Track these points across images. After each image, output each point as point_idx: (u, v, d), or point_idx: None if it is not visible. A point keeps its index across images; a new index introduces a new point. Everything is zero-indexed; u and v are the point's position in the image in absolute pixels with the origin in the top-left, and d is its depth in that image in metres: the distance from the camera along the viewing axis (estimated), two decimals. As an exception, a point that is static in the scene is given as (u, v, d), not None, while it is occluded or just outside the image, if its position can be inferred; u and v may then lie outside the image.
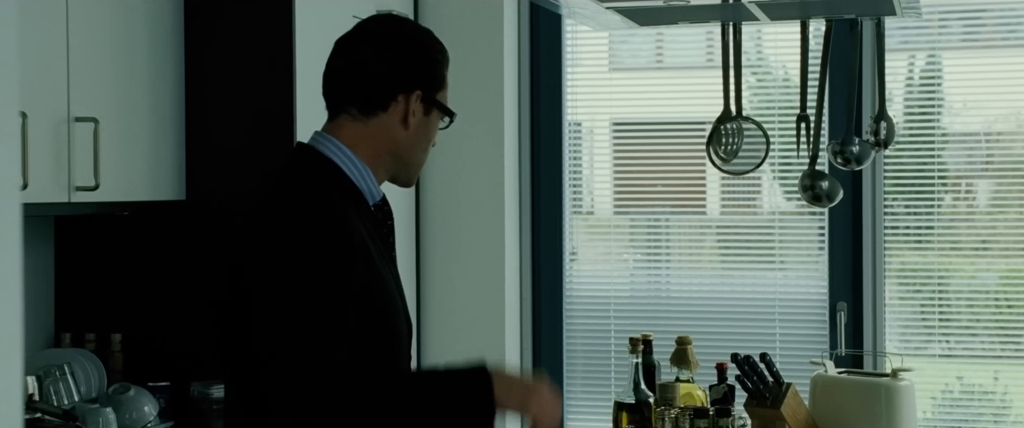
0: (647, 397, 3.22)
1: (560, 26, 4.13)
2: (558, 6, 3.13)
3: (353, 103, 2.05)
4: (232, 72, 3.22)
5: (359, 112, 2.05)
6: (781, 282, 4.04)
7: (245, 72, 3.21)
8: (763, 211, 4.13)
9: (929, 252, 3.96)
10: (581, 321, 4.19)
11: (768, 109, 4.08)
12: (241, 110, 3.22)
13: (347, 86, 2.06)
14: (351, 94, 2.05)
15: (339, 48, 2.09)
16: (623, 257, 4.25)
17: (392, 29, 2.12)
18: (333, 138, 2.05)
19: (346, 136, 2.05)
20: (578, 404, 4.19)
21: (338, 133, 2.05)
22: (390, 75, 2.05)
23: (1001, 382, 3.91)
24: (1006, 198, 3.96)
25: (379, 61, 2.05)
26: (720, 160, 3.28)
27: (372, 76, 2.05)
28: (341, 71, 2.07)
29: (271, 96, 3.19)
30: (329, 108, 2.08)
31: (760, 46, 4.13)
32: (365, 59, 2.05)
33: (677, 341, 3.34)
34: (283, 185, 2.02)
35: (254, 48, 3.21)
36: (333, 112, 2.08)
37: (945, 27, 3.99)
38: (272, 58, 3.19)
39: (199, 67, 3.23)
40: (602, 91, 4.23)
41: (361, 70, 2.05)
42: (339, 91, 2.07)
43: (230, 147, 3.22)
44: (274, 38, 3.18)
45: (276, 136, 3.18)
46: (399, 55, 2.07)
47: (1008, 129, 3.98)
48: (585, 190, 4.27)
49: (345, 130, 2.05)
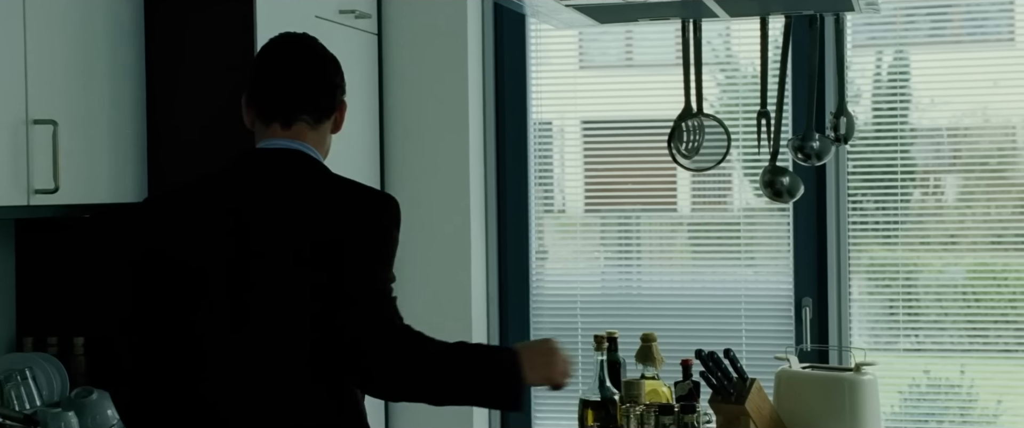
0: (612, 394, 3.22)
1: (524, 25, 4.13)
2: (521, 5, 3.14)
3: (309, 111, 2.28)
4: (193, 72, 3.21)
5: (313, 119, 2.29)
6: (751, 278, 4.05)
7: (206, 73, 3.21)
8: (733, 208, 4.14)
9: (897, 247, 3.97)
10: (548, 319, 4.20)
11: (736, 106, 4.09)
12: (203, 111, 3.21)
13: (307, 96, 2.29)
14: (309, 103, 2.28)
15: (290, 59, 2.32)
16: (594, 255, 4.25)
17: (321, 47, 2.36)
18: (306, 144, 2.30)
19: (310, 140, 2.30)
20: (545, 402, 4.19)
21: (303, 138, 2.29)
22: (338, 86, 2.33)
23: (967, 376, 3.92)
24: (973, 193, 3.98)
25: (334, 74, 2.32)
26: (682, 157, 3.29)
27: (331, 86, 2.31)
28: (299, 81, 2.29)
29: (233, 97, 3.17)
30: (282, 116, 2.28)
31: (729, 43, 4.14)
32: (320, 70, 2.31)
33: (642, 338, 3.35)
34: (337, 179, 2.29)
35: (215, 48, 3.20)
36: (287, 119, 2.28)
37: (912, 23, 4.01)
38: (234, 58, 3.18)
39: (160, 68, 3.22)
40: (572, 90, 4.23)
41: (321, 80, 2.30)
42: (299, 100, 2.28)
43: (192, 148, 3.21)
44: (235, 38, 3.17)
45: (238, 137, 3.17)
46: (337, 69, 2.35)
47: (975, 124, 3.99)
48: (556, 189, 4.28)
49: (307, 136, 2.29)
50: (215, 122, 3.20)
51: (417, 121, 3.99)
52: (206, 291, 2.22)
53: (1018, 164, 3.93)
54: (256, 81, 2.34)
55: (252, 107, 2.35)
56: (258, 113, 2.33)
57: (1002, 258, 3.94)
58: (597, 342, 3.25)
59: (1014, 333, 3.90)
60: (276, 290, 2.20)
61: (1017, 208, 3.91)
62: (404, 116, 4.03)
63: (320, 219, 2.21)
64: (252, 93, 2.35)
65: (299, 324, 2.19)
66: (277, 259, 2.20)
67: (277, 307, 2.20)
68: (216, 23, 3.19)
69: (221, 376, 2.22)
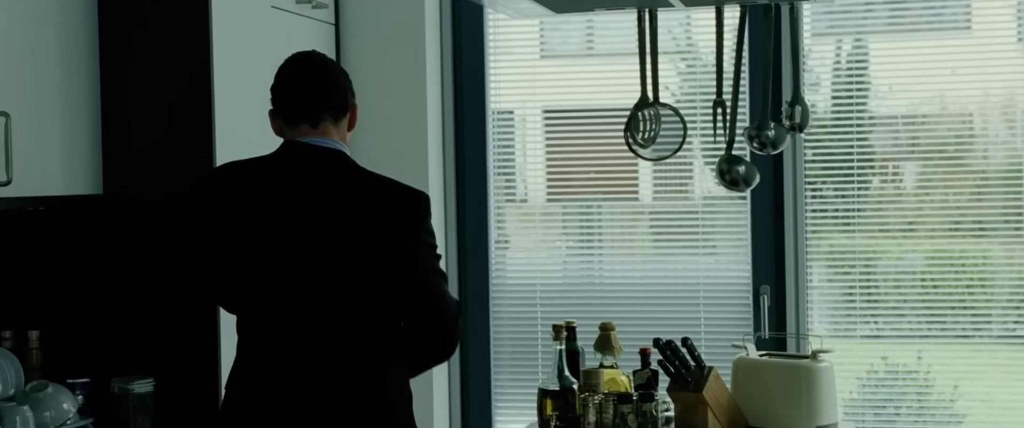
0: (571, 383, 3.23)
1: (482, 15, 4.13)
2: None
3: (329, 111, 2.74)
4: (149, 63, 3.19)
5: (334, 118, 2.75)
6: (711, 267, 4.06)
7: (162, 63, 3.19)
8: (694, 196, 4.15)
9: (857, 234, 3.99)
10: (508, 309, 4.20)
11: (696, 95, 4.10)
12: (158, 102, 3.19)
13: (327, 97, 2.74)
14: (329, 103, 2.74)
15: (307, 70, 2.75)
16: (555, 245, 4.26)
17: (330, 59, 2.83)
18: (336, 141, 2.75)
19: (336, 136, 2.76)
20: (505, 392, 4.20)
21: (329, 135, 2.74)
22: (348, 89, 2.80)
23: (925, 361, 3.95)
24: (932, 180, 4.00)
25: (344, 78, 2.79)
26: (639, 146, 3.30)
27: (343, 89, 2.77)
28: (320, 86, 2.74)
29: (189, 88, 3.17)
30: (308, 117, 2.72)
31: (689, 32, 4.14)
32: (333, 78, 2.77)
33: (600, 327, 3.36)
34: (375, 175, 2.78)
35: (170, 39, 3.18)
36: (314, 120, 2.72)
37: (871, 11, 4.03)
38: (189, 49, 3.16)
39: (114, 59, 3.19)
40: (533, 79, 4.23)
41: (336, 85, 2.76)
42: (320, 102, 2.73)
43: (147, 140, 3.19)
44: (191, 29, 3.15)
45: (194, 128, 3.16)
46: (346, 75, 2.82)
47: (933, 112, 4.02)
48: (518, 178, 4.28)
49: (332, 132, 2.75)
50: (171, 113, 3.19)
51: (375, 111, 3.98)
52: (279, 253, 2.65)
53: (975, 151, 3.96)
54: (280, 93, 2.74)
55: (279, 116, 2.75)
56: (285, 120, 2.74)
57: (959, 244, 3.97)
58: (556, 331, 3.26)
59: (971, 319, 3.93)
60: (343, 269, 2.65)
61: (974, 195, 3.93)
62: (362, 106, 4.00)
63: (361, 211, 2.69)
64: (278, 104, 2.75)
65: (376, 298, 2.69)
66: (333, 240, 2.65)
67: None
68: (171, 13, 3.17)
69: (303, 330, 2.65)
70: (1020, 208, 3.86)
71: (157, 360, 3.16)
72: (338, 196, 2.70)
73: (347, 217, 2.67)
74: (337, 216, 2.67)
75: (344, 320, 2.66)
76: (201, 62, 3.15)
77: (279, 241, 2.65)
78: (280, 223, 2.66)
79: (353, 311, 2.67)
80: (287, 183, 2.70)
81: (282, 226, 2.65)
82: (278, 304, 2.66)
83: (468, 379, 4.17)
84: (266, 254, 2.66)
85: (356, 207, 2.69)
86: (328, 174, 2.72)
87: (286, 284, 2.65)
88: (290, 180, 2.70)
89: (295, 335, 2.65)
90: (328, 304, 2.65)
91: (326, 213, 2.67)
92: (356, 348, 2.66)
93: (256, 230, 2.67)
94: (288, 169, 2.71)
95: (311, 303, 2.65)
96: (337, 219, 2.67)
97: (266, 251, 2.66)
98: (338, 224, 2.66)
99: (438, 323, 2.77)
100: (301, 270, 2.64)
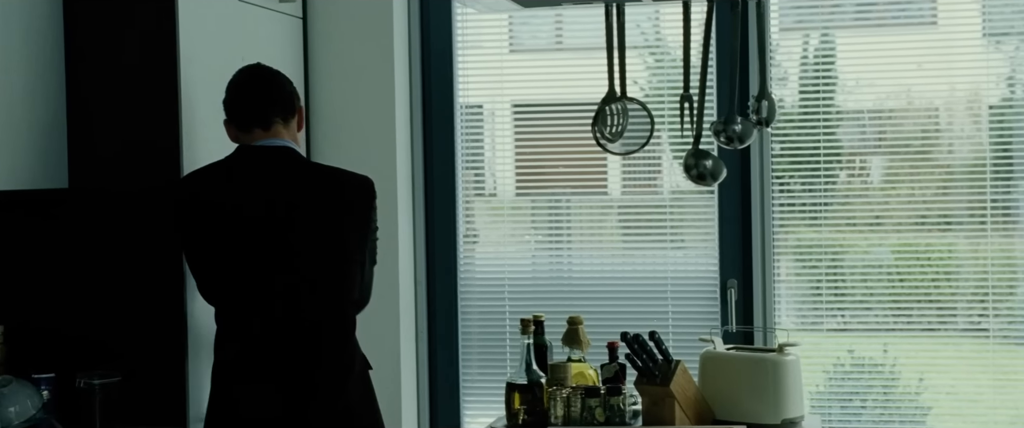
0: (539, 378, 3.24)
1: (450, 9, 4.12)
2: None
3: (278, 113, 3.02)
4: (114, 58, 3.17)
5: (284, 119, 3.04)
6: (679, 260, 4.08)
7: (128, 57, 3.17)
8: (664, 191, 4.16)
9: (824, 228, 4.02)
10: (476, 303, 4.20)
11: (664, 89, 4.11)
12: (124, 96, 3.17)
13: (274, 101, 3.03)
14: (277, 106, 3.03)
15: (253, 80, 3.05)
16: (525, 239, 4.26)
17: (274, 70, 3.11)
18: (286, 140, 3.04)
19: (287, 137, 3.05)
20: (473, 386, 4.20)
21: (281, 136, 3.03)
22: (294, 93, 3.10)
23: (891, 354, 3.98)
24: (898, 174, 4.03)
25: (289, 85, 3.09)
26: (606, 140, 3.30)
27: (289, 93, 3.07)
28: (267, 92, 3.04)
29: (156, 84, 3.15)
30: (260, 121, 3.00)
31: (658, 26, 4.15)
32: (279, 83, 3.07)
33: (568, 321, 3.37)
34: (325, 166, 3.19)
35: (137, 33, 3.16)
36: (265, 123, 3.01)
37: (838, 6, 4.05)
38: (156, 43, 3.14)
39: (81, 54, 3.17)
40: (502, 73, 4.23)
41: (282, 90, 3.06)
42: (269, 105, 3.02)
43: (113, 134, 3.17)
44: (158, 24, 3.13)
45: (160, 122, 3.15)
46: (290, 82, 3.11)
47: (899, 106, 4.04)
48: (487, 172, 4.28)
49: (283, 133, 3.04)
50: (137, 108, 3.17)
51: (343, 106, 3.97)
52: (254, 241, 2.94)
53: (941, 145, 3.99)
54: (233, 102, 3.03)
55: (232, 123, 3.03)
56: (239, 125, 3.02)
57: (925, 238, 4.00)
58: (523, 326, 3.27)
59: (937, 312, 3.96)
60: (310, 247, 2.98)
61: (940, 189, 3.96)
62: (330, 101, 4.02)
63: (317, 198, 3.00)
64: (232, 113, 3.03)
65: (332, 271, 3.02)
66: (304, 228, 2.98)
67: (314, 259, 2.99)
68: (138, 6, 3.15)
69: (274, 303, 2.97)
70: (984, 202, 3.89)
71: (123, 354, 3.14)
72: (298, 189, 3.00)
73: (310, 208, 2.99)
74: (302, 208, 2.98)
75: (319, 299, 3.00)
76: (167, 56, 3.13)
77: (261, 236, 2.95)
78: (258, 220, 2.95)
79: (323, 290, 3.01)
80: (254, 182, 2.99)
81: (260, 222, 2.95)
82: (264, 292, 2.97)
83: (436, 373, 4.17)
84: (250, 248, 2.96)
85: (315, 198, 3.00)
86: (285, 170, 3.01)
87: (269, 273, 2.96)
88: (256, 180, 2.99)
89: (281, 318, 2.98)
90: (306, 286, 2.99)
91: (292, 207, 2.98)
92: (331, 317, 3.03)
93: (238, 228, 2.96)
94: (251, 169, 2.99)
95: (288, 288, 2.97)
96: (302, 211, 2.98)
97: (250, 246, 2.96)
98: (305, 215, 2.98)
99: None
100: (283, 259, 2.96)
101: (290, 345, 2.98)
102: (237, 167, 3.01)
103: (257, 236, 2.95)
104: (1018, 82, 3.90)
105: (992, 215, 3.89)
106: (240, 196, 2.97)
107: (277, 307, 2.97)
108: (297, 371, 2.97)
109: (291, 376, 2.96)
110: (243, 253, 2.96)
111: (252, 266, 2.96)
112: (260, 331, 2.97)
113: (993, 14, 3.93)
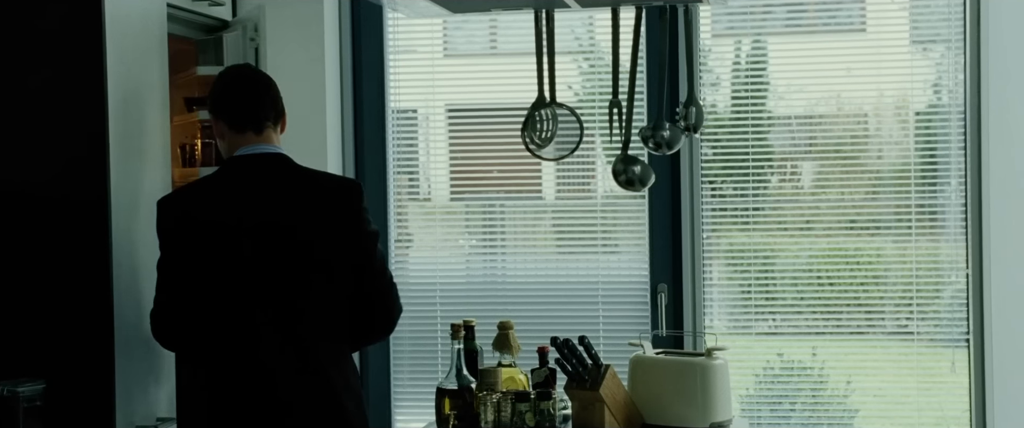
0: (469, 382, 3.25)
1: (382, 15, 4.12)
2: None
3: (270, 118, 3.06)
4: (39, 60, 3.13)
5: (274, 124, 3.08)
6: (611, 265, 4.10)
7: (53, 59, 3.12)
8: (597, 195, 4.18)
9: (755, 232, 4.05)
10: (409, 308, 4.17)
11: (595, 94, 4.12)
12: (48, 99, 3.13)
13: (267, 107, 3.07)
14: (270, 112, 3.07)
15: (247, 81, 3.11)
16: (458, 243, 4.27)
17: (265, 74, 3.18)
18: (276, 146, 3.08)
19: (276, 141, 3.09)
20: (404, 391, 4.20)
21: (271, 141, 3.08)
22: (279, 98, 3.12)
23: (819, 357, 4.02)
24: (828, 179, 4.08)
25: (276, 90, 3.12)
26: (536, 146, 3.32)
27: (277, 99, 3.11)
28: (263, 98, 3.07)
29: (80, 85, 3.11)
30: (254, 124, 3.05)
31: (592, 31, 4.17)
32: (273, 89, 3.11)
33: (499, 326, 3.38)
34: (313, 171, 3.14)
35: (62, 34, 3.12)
36: (258, 127, 3.05)
37: (769, 12, 4.09)
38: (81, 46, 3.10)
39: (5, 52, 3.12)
40: (437, 77, 4.23)
41: (276, 95, 3.11)
42: (264, 111, 3.06)
43: (36, 137, 3.12)
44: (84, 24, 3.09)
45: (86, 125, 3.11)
46: (276, 86, 3.14)
47: (829, 112, 4.09)
48: (421, 176, 4.28)
49: (272, 138, 3.08)
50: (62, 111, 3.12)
51: (275, 110, 3.95)
52: (241, 259, 2.95)
53: (869, 150, 4.04)
54: (227, 103, 3.06)
55: (222, 122, 3.06)
56: (232, 126, 3.05)
57: (854, 242, 4.05)
58: (454, 331, 3.28)
59: (865, 315, 4.01)
60: (302, 265, 2.98)
61: (869, 193, 4.02)
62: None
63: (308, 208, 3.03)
64: (224, 113, 3.06)
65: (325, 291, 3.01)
66: (298, 241, 2.99)
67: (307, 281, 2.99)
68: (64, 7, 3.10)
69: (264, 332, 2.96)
70: (910, 207, 3.95)
71: (48, 361, 3.10)
72: (291, 197, 3.04)
73: (302, 215, 3.02)
74: (294, 216, 3.01)
75: (316, 304, 3.00)
76: (94, 59, 3.08)
77: (261, 248, 2.97)
78: (260, 233, 2.97)
79: (320, 296, 3.00)
80: (249, 196, 3.02)
81: (260, 235, 2.97)
82: (266, 302, 2.97)
83: (367, 377, 4.16)
84: (252, 262, 2.97)
85: (307, 204, 3.04)
86: (279, 180, 3.05)
87: (276, 281, 2.98)
88: (255, 192, 3.02)
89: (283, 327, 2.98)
90: (306, 294, 2.99)
91: (287, 215, 3.01)
92: (323, 329, 3.02)
93: (241, 242, 2.97)
94: (249, 182, 3.03)
95: (291, 296, 2.98)
96: (295, 219, 3.01)
97: (252, 259, 2.97)
98: (300, 222, 3.01)
99: (382, 297, 3.09)
100: (285, 268, 2.97)
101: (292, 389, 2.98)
102: (231, 181, 3.02)
103: (261, 258, 2.95)
104: (944, 88, 3.96)
105: (918, 219, 3.95)
106: (238, 214, 2.97)
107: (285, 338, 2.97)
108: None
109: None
110: (245, 278, 2.96)
111: (256, 294, 2.96)
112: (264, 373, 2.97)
113: (920, 21, 3.99)
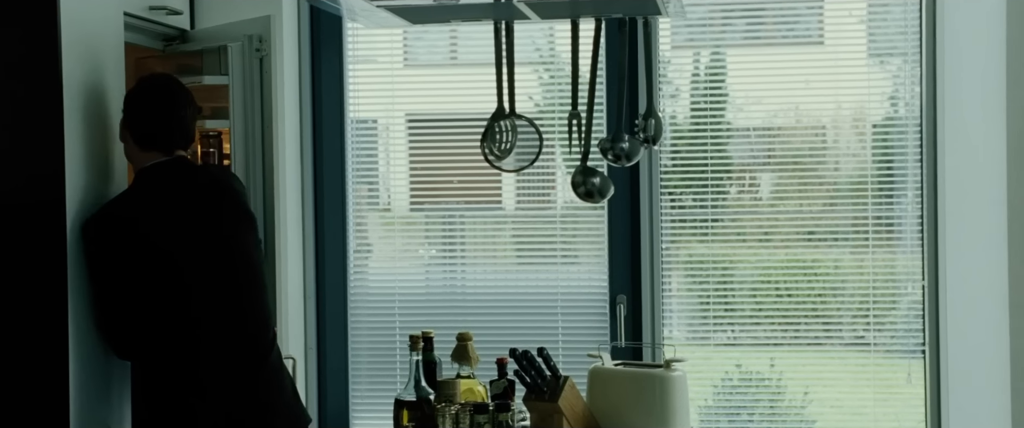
0: (428, 394, 3.23)
1: (341, 26, 4.11)
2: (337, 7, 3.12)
3: (181, 146, 3.05)
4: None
5: (184, 150, 3.06)
6: (572, 276, 4.10)
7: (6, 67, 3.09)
8: (557, 206, 4.18)
9: (715, 243, 4.07)
10: (366, 319, 4.18)
11: (556, 105, 4.13)
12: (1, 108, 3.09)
13: (184, 133, 3.06)
14: (182, 140, 3.06)
15: (166, 103, 3.04)
16: (418, 253, 4.25)
17: (185, 91, 3.11)
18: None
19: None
20: (363, 402, 4.18)
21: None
22: (194, 116, 3.13)
23: (777, 368, 4.04)
24: (787, 190, 4.10)
25: (193, 108, 3.09)
26: (495, 157, 3.31)
27: (193, 119, 3.11)
28: (178, 123, 3.04)
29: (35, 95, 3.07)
30: (163, 148, 3.03)
31: (552, 42, 4.17)
32: (191, 111, 3.07)
33: (458, 337, 3.37)
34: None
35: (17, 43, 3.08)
36: (169, 151, 3.02)
37: (728, 24, 4.11)
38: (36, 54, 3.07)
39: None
40: (396, 87, 4.22)
41: (192, 118, 3.09)
42: (178, 138, 3.04)
43: None
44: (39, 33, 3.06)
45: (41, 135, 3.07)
46: (194, 103, 3.11)
47: (788, 124, 4.11)
48: (381, 185, 4.27)
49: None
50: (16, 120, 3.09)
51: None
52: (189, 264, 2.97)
53: (827, 162, 4.07)
54: (142, 119, 3.01)
55: (132, 135, 3.02)
56: (138, 142, 3.01)
57: (812, 253, 4.08)
58: (412, 342, 3.26)
59: (822, 326, 4.04)
60: (242, 254, 3.08)
61: (826, 204, 4.04)
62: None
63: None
64: (134, 127, 3.02)
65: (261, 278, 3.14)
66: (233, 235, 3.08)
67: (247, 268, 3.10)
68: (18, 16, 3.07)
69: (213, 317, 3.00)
70: (867, 218, 3.98)
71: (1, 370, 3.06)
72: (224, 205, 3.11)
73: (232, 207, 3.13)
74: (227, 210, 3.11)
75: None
76: (50, 68, 3.05)
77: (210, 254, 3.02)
78: (202, 239, 3.01)
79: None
80: (186, 203, 3.04)
81: (203, 240, 3.01)
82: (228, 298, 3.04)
83: (325, 388, 4.14)
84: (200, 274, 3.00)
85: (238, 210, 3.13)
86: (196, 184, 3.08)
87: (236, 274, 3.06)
88: (186, 200, 3.04)
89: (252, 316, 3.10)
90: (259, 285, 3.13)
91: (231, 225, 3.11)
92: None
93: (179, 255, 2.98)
94: (172, 190, 3.03)
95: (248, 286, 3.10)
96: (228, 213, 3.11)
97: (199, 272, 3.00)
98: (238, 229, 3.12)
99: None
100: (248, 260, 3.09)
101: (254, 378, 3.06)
102: (157, 191, 3.02)
103: (206, 260, 3.00)
104: (901, 100, 3.99)
105: (875, 231, 3.98)
106: (179, 220, 3.00)
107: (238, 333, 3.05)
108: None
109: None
110: (190, 281, 2.98)
111: (204, 293, 3.00)
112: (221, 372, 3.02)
113: (877, 34, 4.02)
